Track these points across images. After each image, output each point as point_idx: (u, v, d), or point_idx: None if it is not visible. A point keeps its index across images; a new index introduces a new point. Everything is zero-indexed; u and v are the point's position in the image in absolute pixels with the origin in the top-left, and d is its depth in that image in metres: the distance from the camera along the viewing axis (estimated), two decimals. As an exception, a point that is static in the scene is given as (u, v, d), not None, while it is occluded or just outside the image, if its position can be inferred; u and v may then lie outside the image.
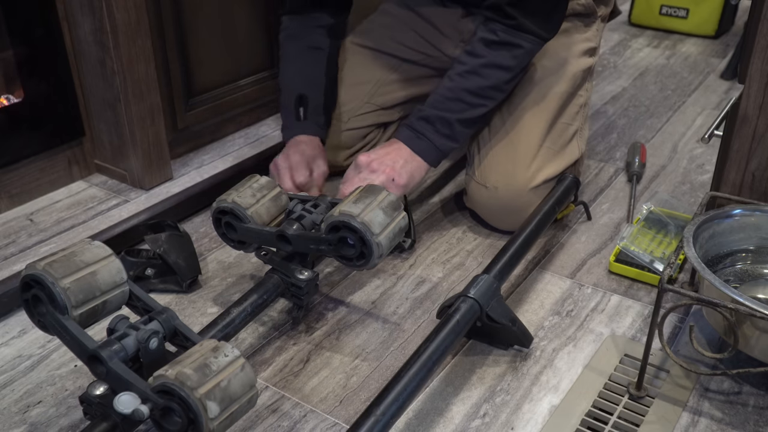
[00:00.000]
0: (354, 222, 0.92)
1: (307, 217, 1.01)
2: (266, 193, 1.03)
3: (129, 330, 0.79)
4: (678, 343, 1.02)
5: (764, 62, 0.99)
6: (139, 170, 1.39)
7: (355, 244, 0.94)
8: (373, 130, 1.43)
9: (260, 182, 1.04)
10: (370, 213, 0.93)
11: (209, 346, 0.75)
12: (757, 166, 1.05)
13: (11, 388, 0.94)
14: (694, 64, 2.08)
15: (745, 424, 0.89)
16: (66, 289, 0.76)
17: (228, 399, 0.71)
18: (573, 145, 1.26)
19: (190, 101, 1.50)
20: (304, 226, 1.00)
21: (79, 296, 0.77)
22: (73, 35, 1.33)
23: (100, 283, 0.80)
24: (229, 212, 1.01)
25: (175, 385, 0.69)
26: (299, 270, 1.00)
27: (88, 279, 0.79)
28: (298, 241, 0.98)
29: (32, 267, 0.78)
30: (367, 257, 0.95)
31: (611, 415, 0.90)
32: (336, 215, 0.93)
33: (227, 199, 1.01)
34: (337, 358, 1.00)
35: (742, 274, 1.04)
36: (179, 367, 0.71)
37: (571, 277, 1.16)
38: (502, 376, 0.97)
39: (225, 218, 1.02)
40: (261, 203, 1.02)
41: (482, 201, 1.24)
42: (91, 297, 0.79)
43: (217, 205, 1.02)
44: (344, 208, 0.93)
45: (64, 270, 0.77)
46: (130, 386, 0.73)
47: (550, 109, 1.24)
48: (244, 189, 1.02)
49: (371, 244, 0.93)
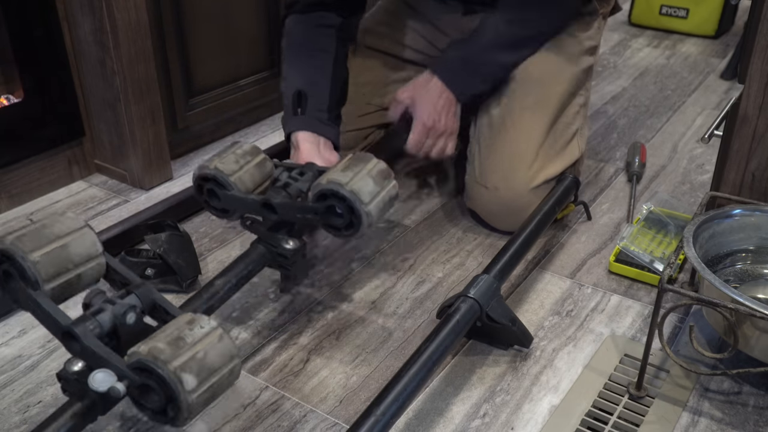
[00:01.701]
0: (342, 190, 0.89)
1: (293, 185, 0.98)
2: (250, 159, 1.00)
3: (105, 305, 0.76)
4: (678, 343, 1.02)
5: (764, 62, 0.99)
6: (139, 170, 1.39)
7: (344, 213, 0.92)
8: (374, 130, 1.43)
9: (244, 148, 1.01)
10: (359, 181, 0.90)
11: (184, 320, 0.72)
12: (757, 166, 1.05)
13: (11, 388, 0.94)
14: (694, 64, 2.08)
15: (745, 424, 0.89)
16: (36, 263, 0.72)
17: (206, 371, 0.69)
18: (573, 144, 1.26)
19: (190, 101, 1.50)
20: (290, 194, 0.97)
21: (50, 270, 0.73)
22: (73, 35, 1.33)
23: (73, 255, 0.75)
24: (211, 179, 0.98)
25: (149, 360, 0.67)
26: (285, 239, 0.96)
27: (60, 252, 0.74)
28: (284, 209, 0.95)
29: (1, 241, 0.74)
30: (356, 226, 0.92)
31: (611, 415, 0.90)
32: (324, 183, 0.91)
33: (209, 166, 0.97)
34: (337, 358, 1.00)
35: (742, 274, 1.04)
36: (152, 342, 0.68)
37: (571, 277, 1.16)
38: (502, 376, 0.97)
39: (207, 185, 0.99)
40: (245, 170, 0.98)
41: (482, 201, 1.24)
42: (63, 270, 0.75)
43: (198, 172, 0.99)
44: (332, 176, 0.91)
45: (33, 243, 0.73)
46: (106, 363, 0.70)
47: (550, 109, 1.24)
48: (227, 155, 0.99)
49: (360, 213, 0.90)
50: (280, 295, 1.12)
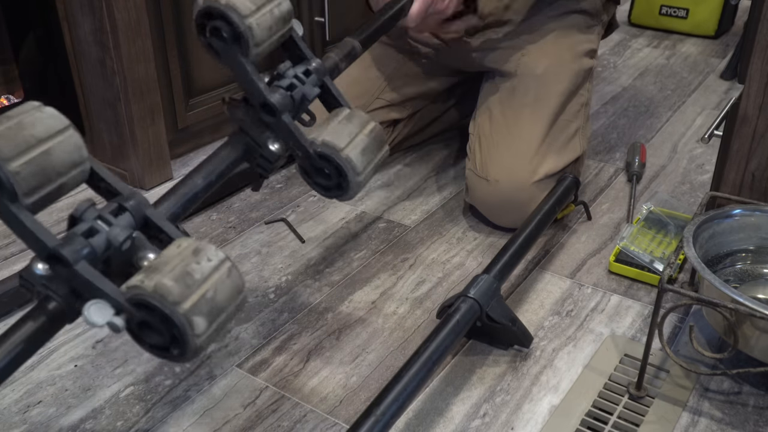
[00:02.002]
0: (337, 157, 0.82)
1: (299, 88, 0.85)
2: (281, 27, 0.83)
3: (98, 224, 0.66)
4: (678, 343, 1.02)
5: (764, 62, 0.99)
6: (139, 170, 1.39)
7: (332, 175, 0.84)
8: (384, 128, 1.42)
9: (282, 8, 0.83)
10: (355, 148, 0.83)
11: (188, 248, 0.64)
12: (757, 166, 1.05)
13: (11, 388, 0.94)
14: (694, 64, 2.08)
15: (745, 424, 0.89)
16: (16, 173, 0.61)
17: (216, 311, 0.62)
18: (575, 142, 1.26)
19: (190, 101, 1.50)
20: (293, 99, 0.84)
21: (31, 182, 0.63)
22: (73, 35, 1.33)
23: (57, 163, 0.64)
24: (218, 16, 0.78)
25: (155, 299, 0.59)
26: (272, 140, 0.83)
27: (42, 159, 0.63)
28: (282, 128, 0.83)
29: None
30: (342, 193, 0.85)
31: (611, 415, 0.90)
32: (318, 143, 0.82)
33: (246, 19, 0.78)
34: (337, 358, 1.00)
35: (742, 274, 1.04)
36: (157, 276, 0.60)
37: (571, 277, 1.16)
38: (502, 376, 0.97)
39: (214, 23, 0.79)
40: (269, 41, 0.82)
41: (483, 195, 1.24)
42: (46, 181, 0.64)
43: (230, 14, 0.77)
44: (329, 137, 0.82)
45: (12, 149, 0.61)
46: (101, 294, 0.62)
47: (551, 106, 1.24)
48: (265, 13, 0.80)
49: (350, 183, 0.83)
50: (280, 295, 1.12)
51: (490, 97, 1.32)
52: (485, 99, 1.33)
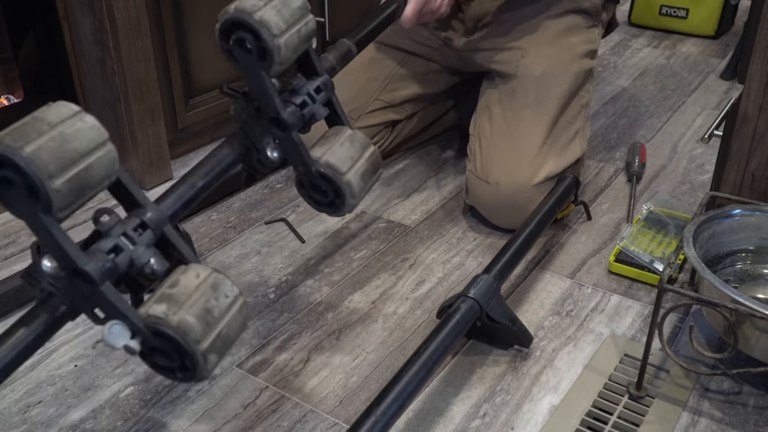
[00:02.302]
0: (338, 180, 0.83)
1: (309, 107, 0.85)
2: (303, 45, 0.82)
3: (123, 241, 0.66)
4: (678, 343, 1.02)
5: (764, 62, 0.99)
6: (139, 170, 1.39)
7: (328, 193, 0.86)
8: (381, 129, 1.43)
9: (308, 28, 0.82)
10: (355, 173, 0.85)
11: (207, 281, 0.65)
12: (757, 166, 1.05)
13: (11, 388, 0.94)
14: (694, 64, 2.08)
15: (745, 424, 0.89)
16: (57, 191, 0.59)
17: (226, 346, 0.65)
18: (575, 143, 1.26)
19: (190, 101, 1.50)
20: (303, 116, 0.84)
21: (69, 198, 0.61)
22: (73, 35, 1.33)
23: (93, 179, 0.62)
24: (249, 30, 0.76)
25: (177, 334, 0.62)
26: (273, 147, 0.84)
27: (83, 176, 0.61)
28: (290, 142, 0.83)
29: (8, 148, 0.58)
30: (335, 210, 0.87)
31: (611, 415, 0.90)
32: (322, 164, 0.84)
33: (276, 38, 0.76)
34: (337, 358, 1.00)
35: (742, 274, 1.04)
36: (181, 312, 0.62)
37: (571, 277, 1.16)
38: (502, 376, 0.97)
39: (239, 33, 0.78)
40: (291, 58, 0.80)
41: (483, 197, 1.24)
42: (81, 196, 0.63)
43: (236, 15, 0.76)
44: (331, 158, 0.84)
45: (56, 166, 0.59)
46: (122, 316, 0.63)
47: (551, 107, 1.24)
48: (293, 33, 0.79)
49: (346, 204, 0.85)
50: (280, 295, 1.12)
51: (490, 98, 1.32)
52: (485, 100, 1.33)
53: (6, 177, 0.59)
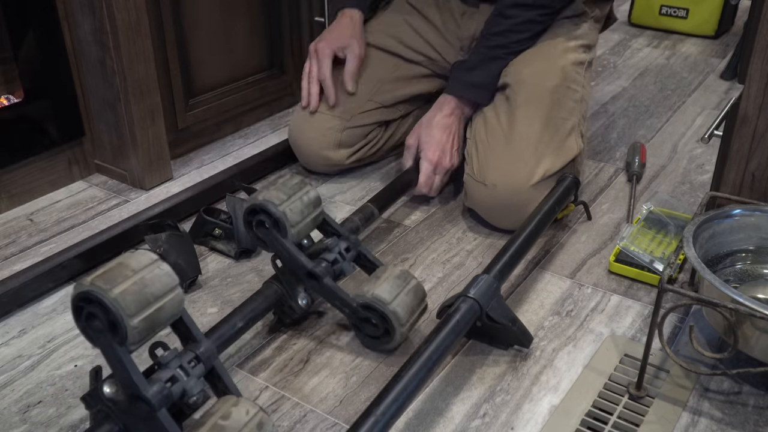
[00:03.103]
0: (385, 309, 0.96)
1: (339, 264, 1.02)
2: (312, 211, 1.00)
3: (179, 373, 0.76)
4: (678, 343, 1.02)
5: (764, 62, 0.99)
6: (139, 170, 1.39)
7: (378, 325, 0.97)
8: (375, 128, 1.43)
9: (310, 196, 0.99)
10: (400, 302, 0.97)
11: (255, 419, 0.73)
12: (757, 166, 1.05)
13: (11, 388, 0.95)
14: (694, 64, 2.08)
15: (745, 424, 0.89)
16: (134, 328, 0.70)
17: None
18: (571, 140, 1.25)
19: (190, 101, 1.50)
20: (334, 272, 1.00)
21: (142, 334, 0.71)
22: (73, 35, 1.33)
23: (163, 318, 0.73)
24: (271, 217, 0.96)
25: None
26: (303, 295, 1.00)
27: (156, 315, 0.72)
28: (328, 292, 0.99)
29: (99, 289, 0.69)
30: (386, 340, 0.99)
31: (611, 415, 0.90)
32: (368, 296, 0.96)
33: (278, 206, 0.95)
34: (337, 358, 1.00)
35: (742, 274, 1.04)
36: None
37: (571, 277, 1.16)
38: (502, 376, 0.97)
39: (260, 217, 0.97)
40: (304, 222, 0.98)
41: (481, 199, 1.24)
42: (151, 332, 0.73)
43: (264, 205, 0.95)
44: (377, 291, 0.96)
45: (135, 306, 0.70)
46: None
47: (543, 104, 1.24)
48: (295, 201, 0.97)
49: (396, 333, 0.97)
50: (280, 295, 1.12)
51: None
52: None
53: (92, 312, 0.70)
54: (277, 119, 1.71)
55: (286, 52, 1.67)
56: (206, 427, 0.71)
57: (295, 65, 1.70)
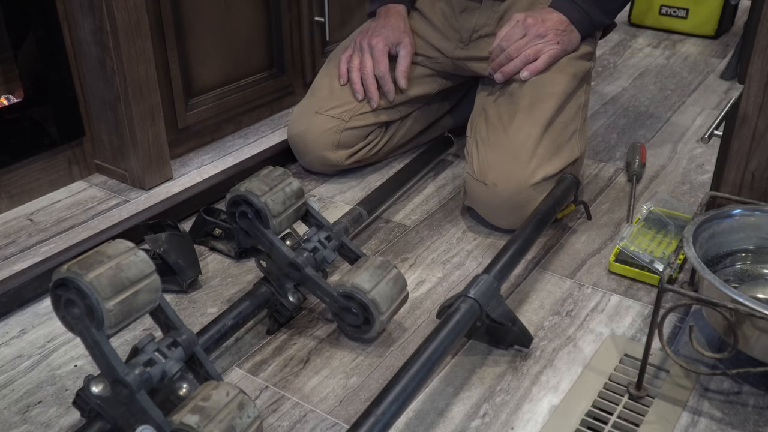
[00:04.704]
0: (364, 297, 0.96)
1: (320, 252, 1.02)
2: (294, 203, 1.01)
3: (156, 356, 0.77)
4: (678, 343, 1.02)
5: (764, 62, 0.99)
6: (139, 170, 1.39)
7: (359, 314, 0.98)
8: (374, 129, 1.43)
9: (292, 187, 1.00)
10: (380, 290, 0.97)
11: (235, 400, 0.74)
12: (757, 166, 1.05)
13: (11, 388, 0.95)
14: (693, 64, 2.08)
15: (745, 424, 0.89)
16: (110, 311, 0.71)
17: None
18: (572, 143, 1.26)
19: (190, 101, 1.50)
20: (316, 261, 1.01)
21: (119, 317, 0.73)
22: (73, 35, 1.33)
23: (140, 304, 0.75)
24: (253, 208, 0.97)
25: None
26: (292, 292, 1.01)
27: (131, 300, 0.73)
28: (309, 281, 0.99)
29: (75, 274, 0.71)
30: (365, 329, 0.99)
31: (611, 415, 0.90)
32: (348, 286, 0.97)
33: (259, 196, 0.96)
34: (337, 358, 1.00)
35: (742, 274, 1.04)
36: (210, 426, 0.71)
37: (571, 277, 1.16)
38: (502, 376, 0.97)
39: (242, 208, 0.99)
40: (286, 214, 0.99)
41: (481, 198, 1.24)
42: (128, 317, 0.74)
43: (245, 195, 0.97)
44: (357, 280, 0.97)
45: (111, 289, 0.72)
46: (152, 422, 0.72)
47: (547, 109, 1.24)
48: (277, 192, 0.98)
49: (375, 320, 0.97)
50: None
51: (486, 100, 1.33)
52: (481, 102, 1.34)
53: (70, 299, 0.72)
54: (277, 119, 1.71)
55: (286, 52, 1.67)
56: (187, 409, 0.73)
57: (295, 65, 1.70)
